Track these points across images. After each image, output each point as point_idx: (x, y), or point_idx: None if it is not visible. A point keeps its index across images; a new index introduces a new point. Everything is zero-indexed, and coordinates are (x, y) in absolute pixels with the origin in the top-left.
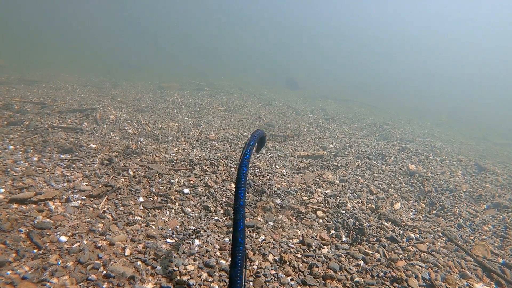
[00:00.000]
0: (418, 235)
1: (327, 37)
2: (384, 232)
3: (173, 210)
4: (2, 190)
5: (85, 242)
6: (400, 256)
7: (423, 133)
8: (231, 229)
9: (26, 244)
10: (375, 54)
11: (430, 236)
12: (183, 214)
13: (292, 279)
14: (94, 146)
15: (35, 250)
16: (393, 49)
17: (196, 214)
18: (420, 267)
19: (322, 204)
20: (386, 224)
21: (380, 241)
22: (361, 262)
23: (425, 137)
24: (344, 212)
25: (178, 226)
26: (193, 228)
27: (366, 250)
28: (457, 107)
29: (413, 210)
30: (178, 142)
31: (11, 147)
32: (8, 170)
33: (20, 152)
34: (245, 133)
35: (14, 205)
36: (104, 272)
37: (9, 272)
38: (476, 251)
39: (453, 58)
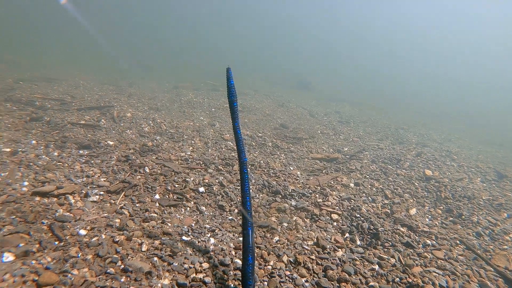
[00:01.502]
0: (434, 242)
1: (343, 41)
2: (400, 237)
3: (188, 208)
4: (26, 183)
5: (103, 236)
6: (416, 262)
7: (440, 138)
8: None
9: (48, 236)
10: (392, 58)
11: (447, 243)
12: (198, 213)
13: (306, 281)
14: (111, 143)
15: (56, 242)
16: (410, 53)
17: (211, 213)
18: (437, 274)
19: (337, 207)
20: (401, 229)
21: (396, 246)
22: (376, 267)
23: (441, 142)
24: (358, 215)
25: (193, 224)
26: (208, 226)
27: (381, 255)
28: (475, 112)
29: (429, 216)
30: (193, 141)
31: (34, 142)
32: (31, 164)
33: (42, 147)
34: (260, 134)
35: (37, 198)
36: (122, 266)
37: (33, 261)
38: (497, 261)
39: (471, 62)
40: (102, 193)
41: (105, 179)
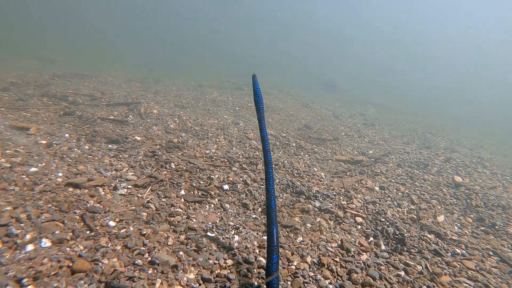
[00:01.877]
0: (464, 251)
1: (368, 42)
2: (427, 244)
3: (212, 205)
4: (60, 174)
5: (131, 228)
6: (445, 271)
7: (471, 144)
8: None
9: (80, 225)
10: (420, 59)
11: (478, 254)
12: (222, 210)
13: (330, 283)
14: (138, 138)
15: (88, 232)
16: (440, 54)
17: (235, 211)
18: (467, 285)
19: (361, 210)
20: (428, 236)
21: (422, 253)
22: (402, 273)
23: (472, 148)
24: (383, 220)
25: (217, 221)
26: (232, 224)
27: (407, 261)
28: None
29: (458, 224)
30: (217, 139)
31: (67, 135)
32: (64, 156)
33: (74, 140)
34: (284, 134)
35: (70, 189)
36: (149, 258)
37: (68, 249)
38: None
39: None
40: (130, 186)
41: (132, 173)
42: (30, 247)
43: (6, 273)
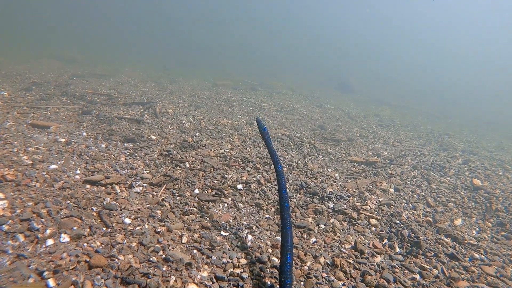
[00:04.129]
0: (483, 256)
1: (384, 39)
2: (443, 247)
3: (226, 204)
4: (78, 172)
5: (146, 226)
6: (462, 276)
7: (491, 146)
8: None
9: (97, 222)
10: (439, 57)
11: (498, 259)
12: (235, 209)
13: (343, 285)
14: (154, 137)
15: (104, 228)
16: (462, 50)
17: (248, 210)
18: None
19: (376, 212)
20: (445, 239)
21: (439, 257)
22: (417, 276)
23: (492, 151)
24: (398, 222)
25: (231, 220)
26: (246, 223)
27: (422, 264)
28: None
29: (477, 229)
30: (231, 139)
31: (85, 133)
32: (82, 154)
33: (91, 139)
34: (297, 134)
35: (88, 186)
36: (163, 256)
37: (85, 244)
38: None
39: None
40: (145, 185)
41: (148, 171)
42: (50, 242)
43: (28, 265)
